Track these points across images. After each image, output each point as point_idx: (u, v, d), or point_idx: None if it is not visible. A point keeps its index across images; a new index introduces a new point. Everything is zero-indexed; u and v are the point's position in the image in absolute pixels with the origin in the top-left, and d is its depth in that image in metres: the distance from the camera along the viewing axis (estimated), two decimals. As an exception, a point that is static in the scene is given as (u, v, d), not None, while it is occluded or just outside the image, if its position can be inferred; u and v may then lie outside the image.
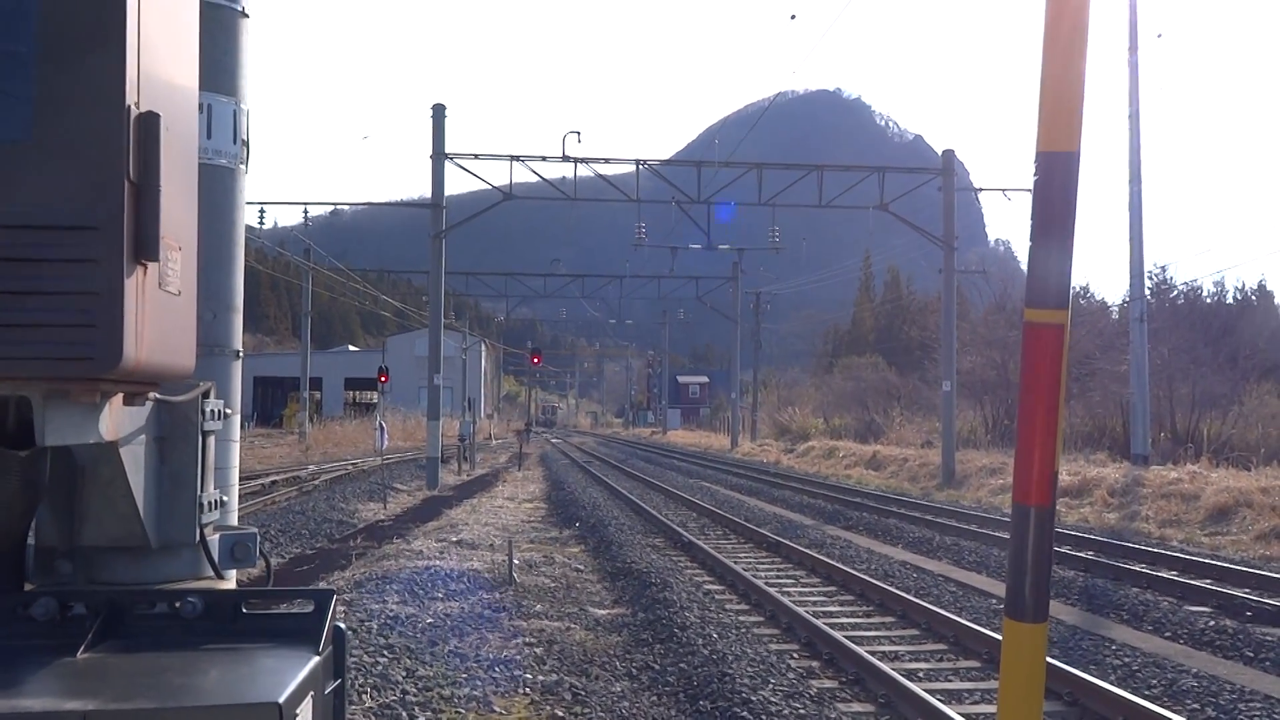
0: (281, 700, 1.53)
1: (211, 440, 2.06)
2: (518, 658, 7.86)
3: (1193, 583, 11.96)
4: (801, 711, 6.79)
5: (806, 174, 28.43)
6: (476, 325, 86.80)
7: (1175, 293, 39.26)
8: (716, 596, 11.40)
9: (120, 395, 1.69)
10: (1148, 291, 27.36)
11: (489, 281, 50.25)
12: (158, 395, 1.88)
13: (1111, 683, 7.49)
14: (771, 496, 25.25)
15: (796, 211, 30.40)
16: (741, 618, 10.20)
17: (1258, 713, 7.03)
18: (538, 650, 8.17)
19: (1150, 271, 34.36)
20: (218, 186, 3.35)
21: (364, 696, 6.59)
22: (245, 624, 1.88)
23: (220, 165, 3.35)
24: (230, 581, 2.17)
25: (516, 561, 11.71)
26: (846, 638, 8.83)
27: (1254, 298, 43.83)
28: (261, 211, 34.67)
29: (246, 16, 3.41)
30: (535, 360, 50.10)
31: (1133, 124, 23.89)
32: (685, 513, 20.95)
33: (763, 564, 14.17)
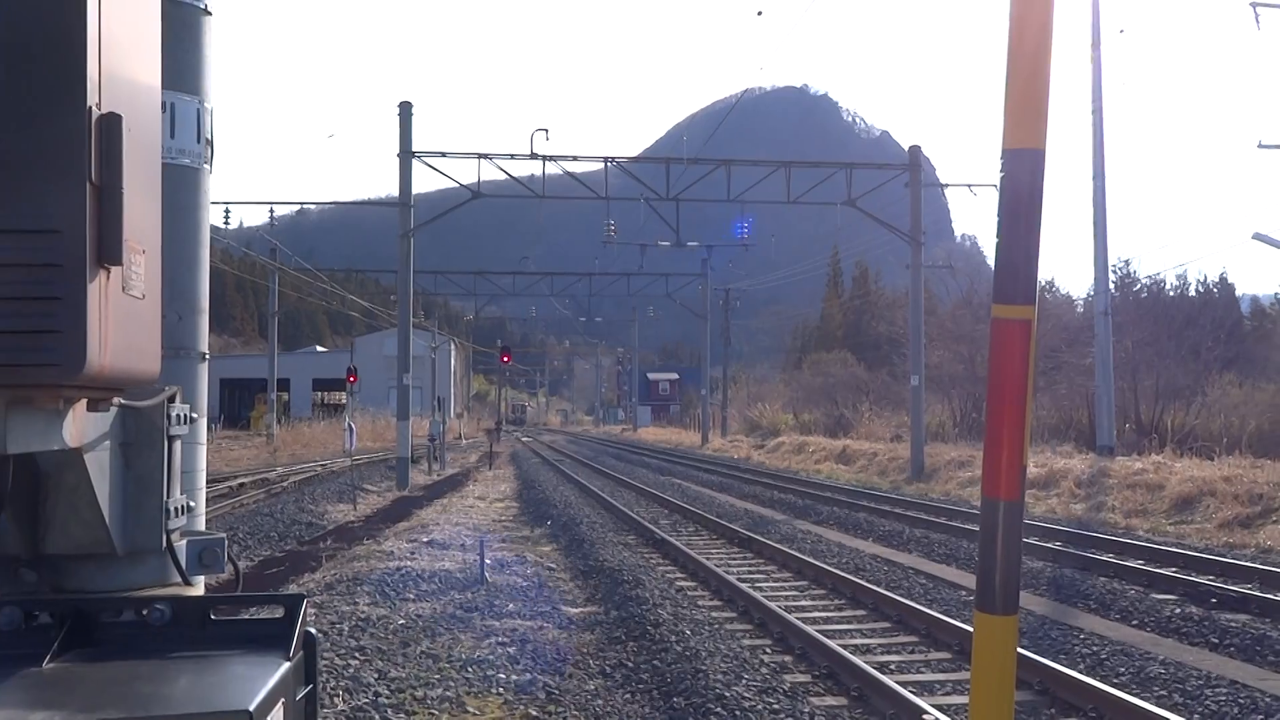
0: (252, 708, 1.51)
1: (178, 445, 2.03)
2: (491, 658, 7.84)
3: (1159, 571, 12.11)
4: (775, 706, 6.82)
5: (774, 170, 28.51)
6: (445, 324, 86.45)
7: (1139, 286, 39.69)
8: (689, 593, 11.42)
9: (84, 401, 1.67)
10: (1112, 285, 27.66)
11: (458, 280, 50.06)
12: (122, 400, 1.86)
13: (1081, 671, 7.57)
14: (742, 492, 25.32)
15: (765, 208, 30.47)
16: (714, 614, 10.22)
17: (1224, 698, 7.12)
18: (511, 650, 8.15)
19: (1114, 266, 34.75)
20: (182, 187, 3.32)
21: (336, 699, 6.56)
22: (214, 631, 1.87)
23: (184, 165, 3.31)
24: (199, 587, 2.15)
25: (488, 561, 11.67)
26: (819, 632, 8.86)
27: (1215, 290, 44.35)
28: (227, 211, 34.48)
29: (209, 14, 3.38)
30: (505, 359, 49.95)
31: (1096, 120, 24.12)
32: (657, 510, 20.96)
33: (734, 560, 14.20)
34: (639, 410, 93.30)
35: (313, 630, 1.90)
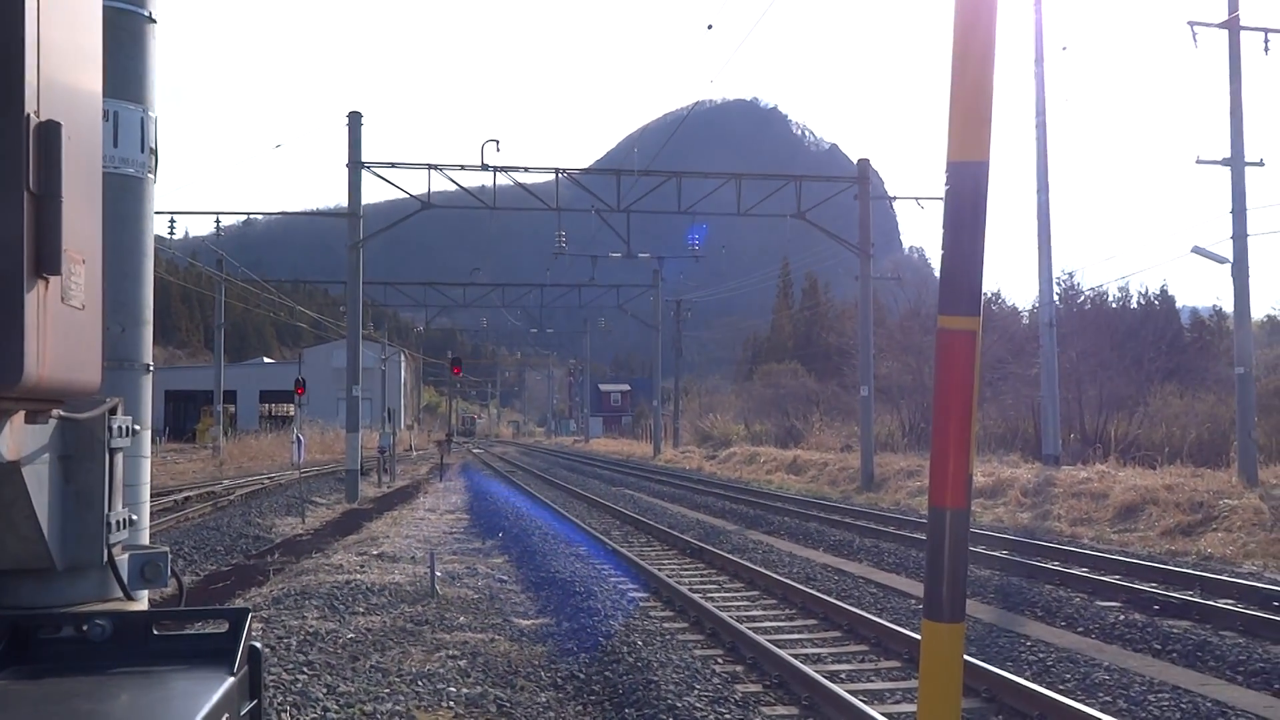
0: (194, 724, 1.49)
1: (119, 457, 2.00)
2: (441, 671, 7.78)
3: (1103, 579, 12.30)
4: (727, 716, 6.83)
5: (725, 182, 28.65)
6: (396, 335, 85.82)
7: (1082, 298, 40.35)
8: (641, 604, 11.40)
9: (21, 413, 1.64)
10: (1056, 297, 28.12)
11: (408, 291, 49.76)
12: (62, 413, 1.82)
13: (1027, 678, 7.66)
14: (694, 503, 25.36)
15: (716, 219, 30.65)
16: (666, 624, 10.22)
17: (1167, 703, 7.24)
18: (461, 663, 8.09)
19: (1058, 277, 35.42)
20: (125, 196, 3.27)
21: (284, 715, 6.47)
22: (156, 646, 1.84)
23: (128, 174, 3.27)
24: (141, 602, 2.12)
25: (439, 573, 11.58)
26: (770, 641, 8.90)
27: (1156, 302, 45.16)
28: (172, 221, 33.93)
29: (154, 22, 3.34)
30: (456, 370, 49.63)
31: (1040, 133, 24.54)
32: (609, 520, 20.93)
33: (686, 570, 14.22)
34: (591, 421, 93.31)
35: (258, 645, 1.88)
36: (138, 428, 2.30)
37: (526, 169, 27.61)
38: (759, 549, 16.07)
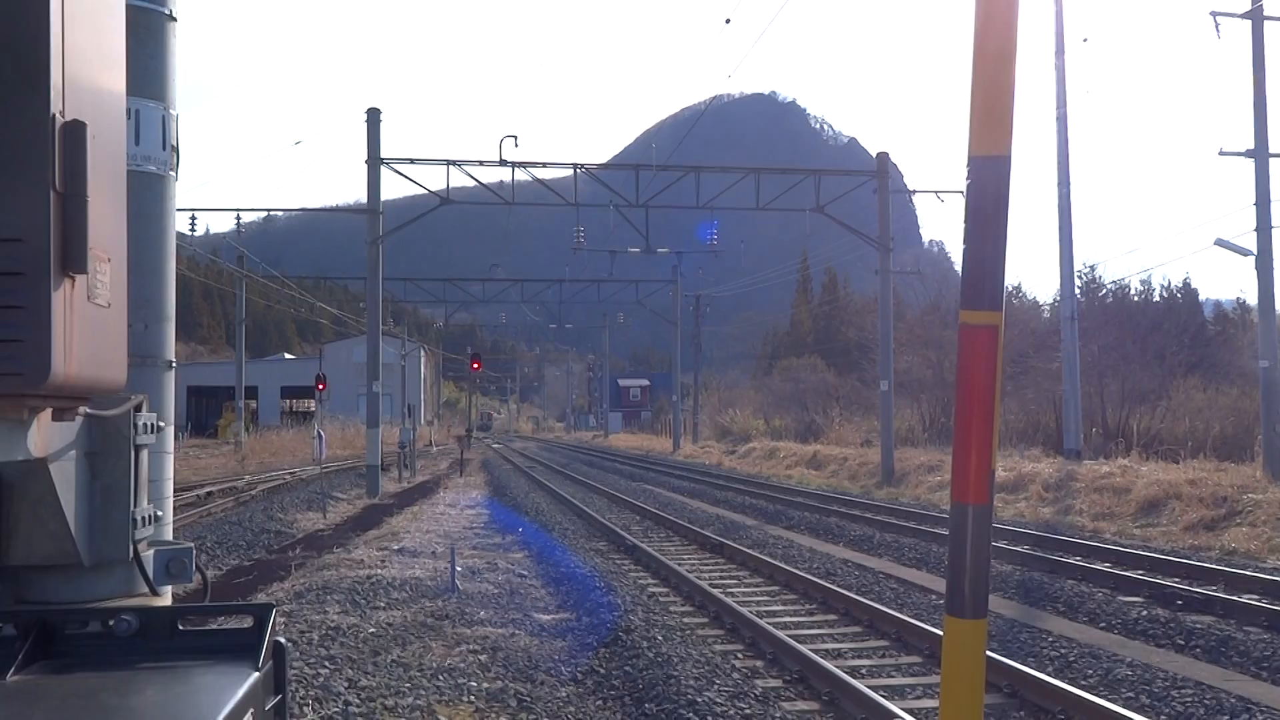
0: (221, 719, 1.50)
1: (144, 454, 2.01)
2: (462, 665, 7.80)
3: (1125, 574, 12.23)
4: (747, 711, 6.83)
5: (743, 177, 28.59)
6: (415, 331, 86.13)
7: (1104, 291, 40.08)
8: (661, 599, 11.42)
9: (49, 410, 1.65)
10: (1078, 291, 27.93)
11: (427, 287, 49.88)
12: (88, 409, 1.84)
13: (1049, 674, 7.64)
14: (714, 498, 25.34)
15: (734, 214, 30.59)
16: (686, 619, 10.23)
17: (1189, 699, 7.20)
18: (482, 658, 8.12)
19: (1080, 271, 35.17)
20: (147, 193, 3.29)
21: (305, 709, 6.50)
22: (182, 641, 1.85)
23: (149, 172, 3.28)
24: (166, 598, 2.13)
25: (459, 569, 11.61)
26: (790, 637, 8.89)
27: (1179, 295, 44.83)
28: (193, 218, 34.19)
29: (175, 20, 3.35)
30: (475, 366, 49.70)
31: (1060, 126, 24.36)
32: (628, 516, 20.95)
33: (706, 565, 14.21)
34: (610, 417, 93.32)
35: (282, 639, 1.89)
36: (162, 424, 2.32)
37: (545, 164, 27.60)
38: (779, 544, 16.06)
